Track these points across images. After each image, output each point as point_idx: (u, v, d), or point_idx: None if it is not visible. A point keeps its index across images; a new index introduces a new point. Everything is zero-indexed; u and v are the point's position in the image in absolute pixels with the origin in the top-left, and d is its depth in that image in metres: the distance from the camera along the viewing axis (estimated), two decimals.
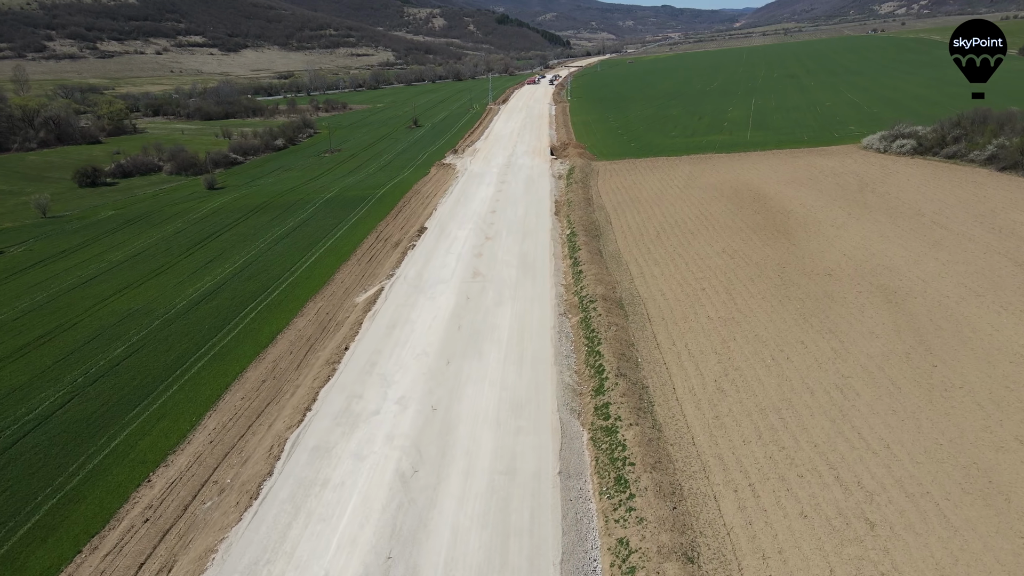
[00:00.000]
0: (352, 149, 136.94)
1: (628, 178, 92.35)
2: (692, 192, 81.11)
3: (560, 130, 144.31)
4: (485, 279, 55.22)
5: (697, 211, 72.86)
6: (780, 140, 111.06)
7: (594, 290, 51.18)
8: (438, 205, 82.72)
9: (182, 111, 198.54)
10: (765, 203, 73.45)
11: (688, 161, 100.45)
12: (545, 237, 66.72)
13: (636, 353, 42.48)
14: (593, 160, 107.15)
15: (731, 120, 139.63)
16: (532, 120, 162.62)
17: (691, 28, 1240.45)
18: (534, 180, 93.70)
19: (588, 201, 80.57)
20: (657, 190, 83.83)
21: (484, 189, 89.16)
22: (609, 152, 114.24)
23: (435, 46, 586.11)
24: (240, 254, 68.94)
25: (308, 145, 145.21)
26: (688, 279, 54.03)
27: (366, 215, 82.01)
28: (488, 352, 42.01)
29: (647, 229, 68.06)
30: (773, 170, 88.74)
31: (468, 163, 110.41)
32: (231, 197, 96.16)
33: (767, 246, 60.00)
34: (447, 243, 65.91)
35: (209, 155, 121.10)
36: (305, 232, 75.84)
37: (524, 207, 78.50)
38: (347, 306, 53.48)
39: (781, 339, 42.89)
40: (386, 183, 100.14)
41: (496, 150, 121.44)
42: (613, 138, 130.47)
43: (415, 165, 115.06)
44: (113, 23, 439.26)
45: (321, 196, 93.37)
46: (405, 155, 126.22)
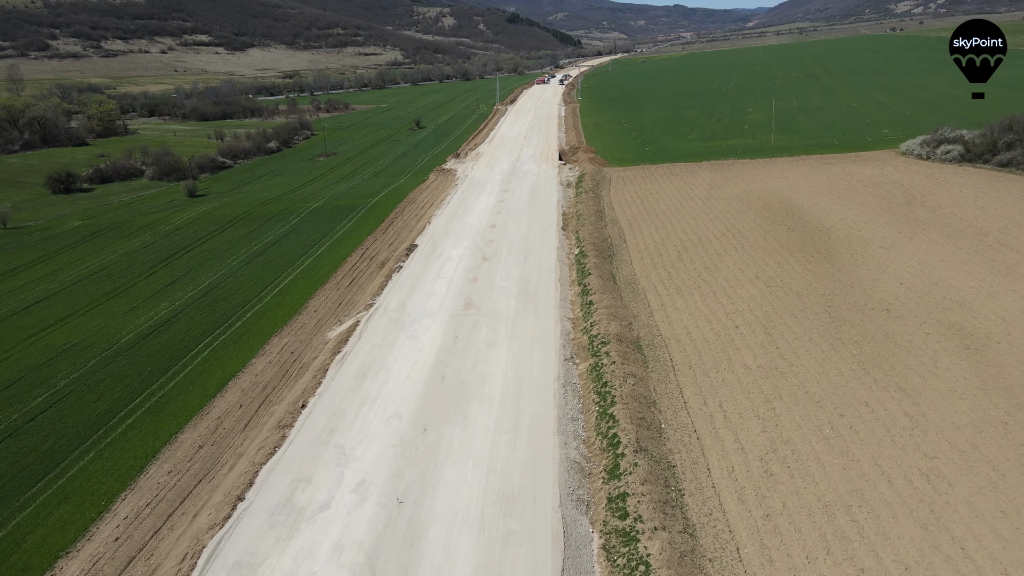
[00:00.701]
0: (348, 152, 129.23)
1: (643, 187, 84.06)
2: (715, 204, 72.76)
3: (569, 133, 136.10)
4: (479, 312, 47.15)
5: (723, 227, 64.53)
6: (808, 144, 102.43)
7: (607, 328, 43.03)
8: (433, 217, 74.73)
9: (178, 112, 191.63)
10: (799, 218, 65.04)
11: (708, 168, 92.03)
12: (550, 258, 58.59)
13: (659, 416, 34.31)
14: (605, 166, 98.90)
15: (752, 122, 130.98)
16: (540, 122, 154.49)
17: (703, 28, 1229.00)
18: (540, 189, 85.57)
19: (599, 214, 72.37)
20: (676, 201, 75.52)
21: (485, 199, 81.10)
22: (622, 157, 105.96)
23: (444, 45, 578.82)
24: (207, 274, 61.19)
25: (303, 148, 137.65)
26: (717, 313, 45.80)
27: (353, 228, 74.15)
28: (476, 414, 33.95)
29: (667, 248, 59.79)
30: (804, 179, 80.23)
31: (470, 169, 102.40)
32: (211, 206, 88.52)
33: (808, 271, 51.66)
34: (438, 265, 57.88)
35: (194, 159, 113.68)
36: (284, 248, 68.05)
37: (528, 221, 70.40)
38: (317, 343, 45.56)
39: (839, 398, 34.60)
40: (379, 191, 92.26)
41: (501, 154, 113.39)
42: (626, 141, 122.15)
43: (413, 171, 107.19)
44: (118, 22, 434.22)
45: (308, 205, 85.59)
46: (404, 159, 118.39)
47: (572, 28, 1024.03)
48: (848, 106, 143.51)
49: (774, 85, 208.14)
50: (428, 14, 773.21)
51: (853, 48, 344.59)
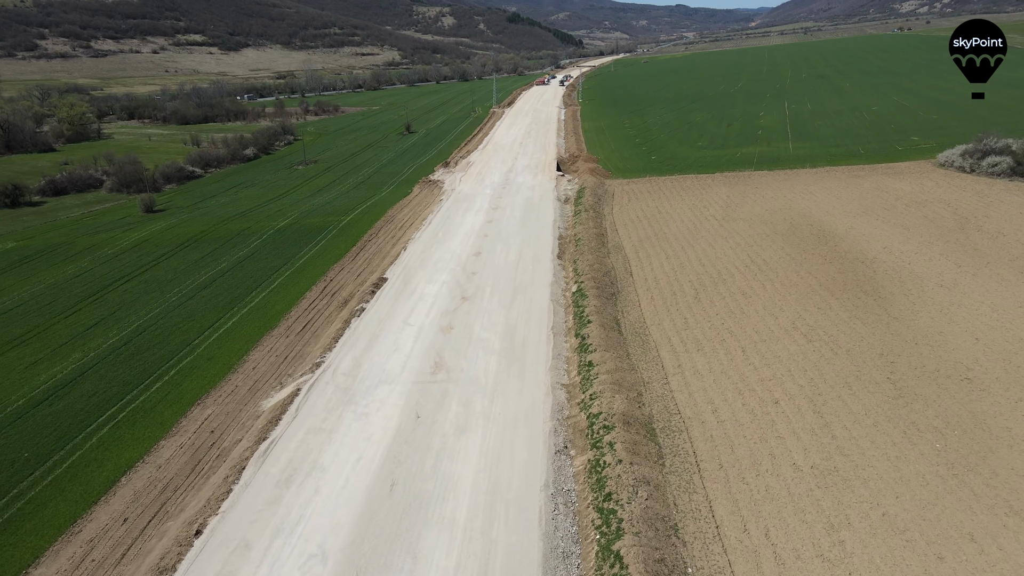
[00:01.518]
0: (330, 160, 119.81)
1: (651, 203, 74.58)
2: (735, 226, 63.26)
3: (569, 138, 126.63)
4: (450, 376, 37.72)
5: (746, 256, 55.04)
6: (831, 154, 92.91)
7: (610, 403, 33.62)
8: (410, 241, 65.29)
9: (158, 115, 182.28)
10: (835, 245, 55.57)
11: (723, 181, 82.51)
12: (543, 297, 49.13)
13: (682, 553, 24.89)
14: (607, 178, 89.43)
15: (765, 128, 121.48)
16: (538, 126, 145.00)
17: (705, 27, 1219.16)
18: (534, 206, 76.09)
19: (601, 237, 62.89)
20: (689, 222, 66.01)
21: (471, 218, 71.64)
22: (626, 167, 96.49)
23: (443, 45, 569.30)
24: (139, 312, 51.81)
25: (283, 155, 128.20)
26: (750, 379, 36.36)
27: (320, 254, 64.72)
28: (429, 553, 24.54)
29: (681, 284, 50.30)
30: (834, 195, 70.74)
31: (458, 181, 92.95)
32: (165, 224, 79.14)
33: (856, 319, 42.20)
34: (408, 306, 48.41)
35: (159, 169, 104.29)
36: (236, 279, 58.65)
37: (519, 247, 60.92)
38: (247, 417, 36.19)
39: (930, 526, 25.19)
40: (356, 206, 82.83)
41: (494, 163, 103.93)
42: (630, 149, 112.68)
43: (397, 182, 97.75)
44: (110, 21, 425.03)
45: (274, 224, 76.20)
46: (388, 168, 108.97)
47: (574, 28, 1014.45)
48: (867, 109, 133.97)
49: (784, 87, 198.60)
50: (428, 14, 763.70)
51: (862, 48, 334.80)
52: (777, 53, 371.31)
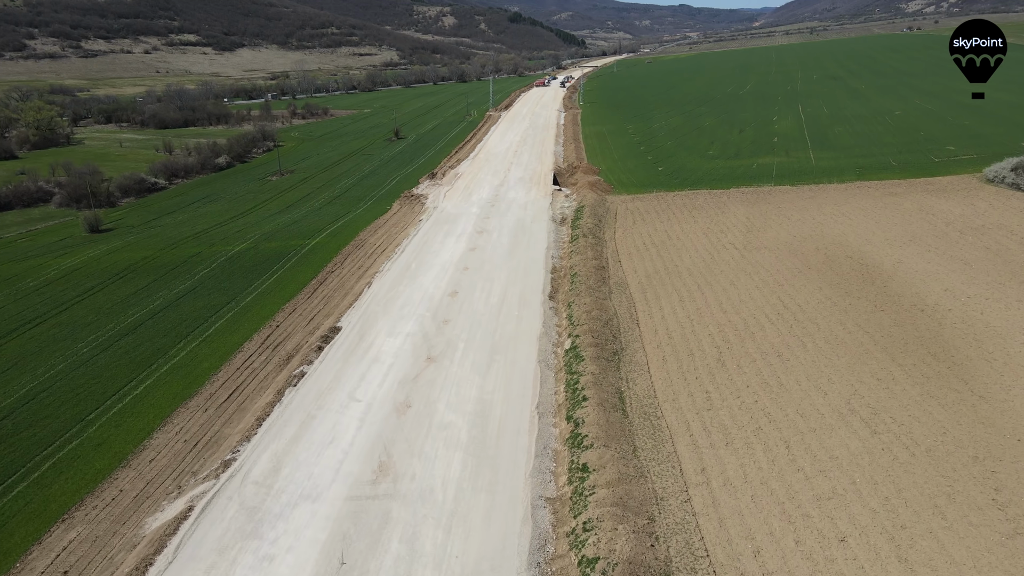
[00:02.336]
0: (308, 170, 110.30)
1: (659, 225, 64.99)
2: (759, 257, 53.68)
3: (568, 145, 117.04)
4: (396, 487, 28.18)
5: (776, 299, 45.46)
6: (859, 166, 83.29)
7: (611, 541, 24.13)
8: (378, 275, 55.75)
9: (136, 117, 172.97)
10: (884, 286, 45.99)
11: (740, 198, 72.93)
12: (528, 356, 39.59)
13: None
14: (609, 193, 79.89)
15: (781, 134, 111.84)
16: (536, 132, 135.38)
17: (709, 27, 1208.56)
18: (526, 228, 66.56)
19: (601, 271, 53.33)
20: (704, 251, 56.40)
21: (451, 245, 62.08)
22: (630, 180, 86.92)
23: (443, 45, 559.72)
24: (36, 371, 42.39)
25: (259, 164, 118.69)
26: (801, 498, 26.76)
27: (272, 289, 55.25)
28: None
29: (699, 339, 40.70)
30: (871, 218, 61.11)
31: (443, 196, 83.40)
32: (107, 248, 69.75)
33: (930, 397, 32.61)
34: (359, 371, 38.86)
35: (118, 180, 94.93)
36: (167, 322, 49.21)
37: (504, 283, 51.38)
38: (119, 547, 26.70)
39: None
40: (326, 226, 73.36)
41: (484, 175, 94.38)
42: (634, 158, 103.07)
43: (376, 196, 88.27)
44: (101, 21, 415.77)
45: (228, 249, 66.75)
46: (370, 180, 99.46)
47: (576, 28, 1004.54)
48: (890, 114, 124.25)
49: (796, 88, 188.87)
50: (428, 13, 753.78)
51: (872, 48, 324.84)
52: (784, 53, 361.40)
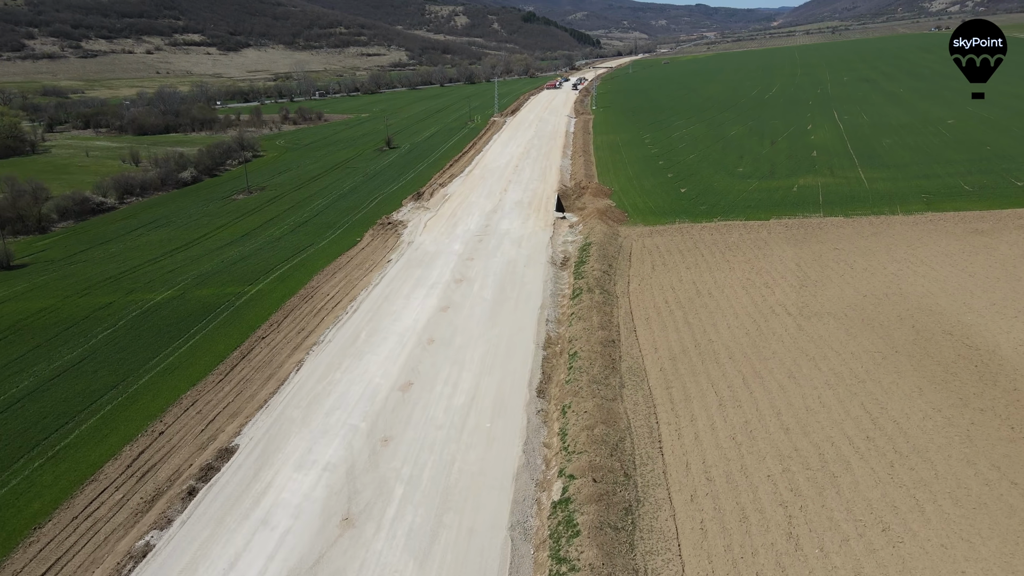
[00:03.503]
0: (281, 187, 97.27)
1: (684, 274, 51.34)
2: (821, 329, 39.96)
3: (577, 159, 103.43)
4: None
5: (859, 408, 31.78)
6: (923, 190, 69.30)
7: None
8: (314, 349, 42.47)
9: (115, 123, 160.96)
10: (1012, 386, 32.24)
11: (784, 233, 59.15)
12: (496, 518, 26.25)
13: None
14: (622, 223, 66.34)
15: (820, 147, 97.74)
16: (542, 141, 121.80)
17: (726, 27, 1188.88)
18: (517, 276, 53.06)
19: (610, 347, 39.81)
20: (747, 318, 42.72)
21: (419, 301, 48.70)
22: (648, 206, 73.30)
23: (455, 45, 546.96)
24: None
25: (229, 179, 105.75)
26: None
27: (180, 363, 42.21)
28: None
29: (756, 492, 27.07)
30: (962, 269, 47.21)
31: (422, 226, 70.11)
32: (3, 294, 56.94)
33: None
34: (232, 547, 25.52)
35: (57, 201, 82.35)
36: (13, 423, 36.22)
37: (477, 368, 38.00)
38: None
39: None
40: (276, 266, 60.27)
41: (476, 197, 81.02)
42: (652, 175, 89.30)
43: (348, 223, 75.14)
44: (104, 20, 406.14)
45: (149, 298, 53.80)
46: (346, 201, 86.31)
47: (591, 28, 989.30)
48: (942, 123, 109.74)
49: (826, 92, 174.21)
50: (440, 13, 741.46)
51: (901, 48, 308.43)
52: (808, 54, 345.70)
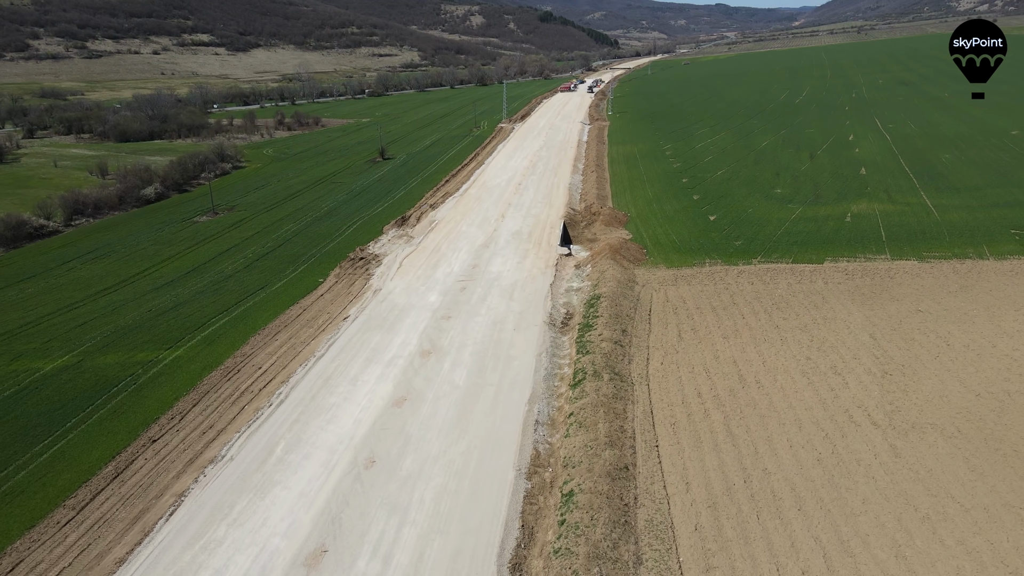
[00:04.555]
0: (253, 206, 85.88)
1: (721, 347, 39.06)
2: (925, 459, 27.65)
3: (589, 175, 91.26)
4: None
5: None
6: (1011, 221, 56.58)
7: None
8: (208, 470, 30.71)
9: (97, 128, 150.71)
10: None
11: (846, 284, 46.67)
12: None
13: None
14: (639, 264, 54.09)
15: (868, 162, 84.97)
16: (551, 153, 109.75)
17: (747, 27, 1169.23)
18: (502, 347, 40.99)
19: (620, 478, 27.82)
20: (813, 433, 30.41)
21: (368, 387, 36.80)
22: (670, 238, 61.00)
23: (469, 46, 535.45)
24: None
25: (199, 195, 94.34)
26: None
27: (18, 490, 30.66)
28: None
29: None
30: None
31: (396, 266, 58.26)
32: None
33: None
34: None
35: None
36: None
37: (427, 518, 26.28)
38: None
39: None
40: (209, 321, 48.70)
41: (468, 225, 69.13)
42: (675, 197, 76.94)
43: (315, 256, 63.55)
44: (112, 20, 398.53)
45: (35, 368, 42.45)
46: (320, 226, 74.76)
47: (610, 28, 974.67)
48: (1005, 135, 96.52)
49: (862, 96, 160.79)
50: (456, 12, 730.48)
51: (933, 48, 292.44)
52: (835, 54, 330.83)
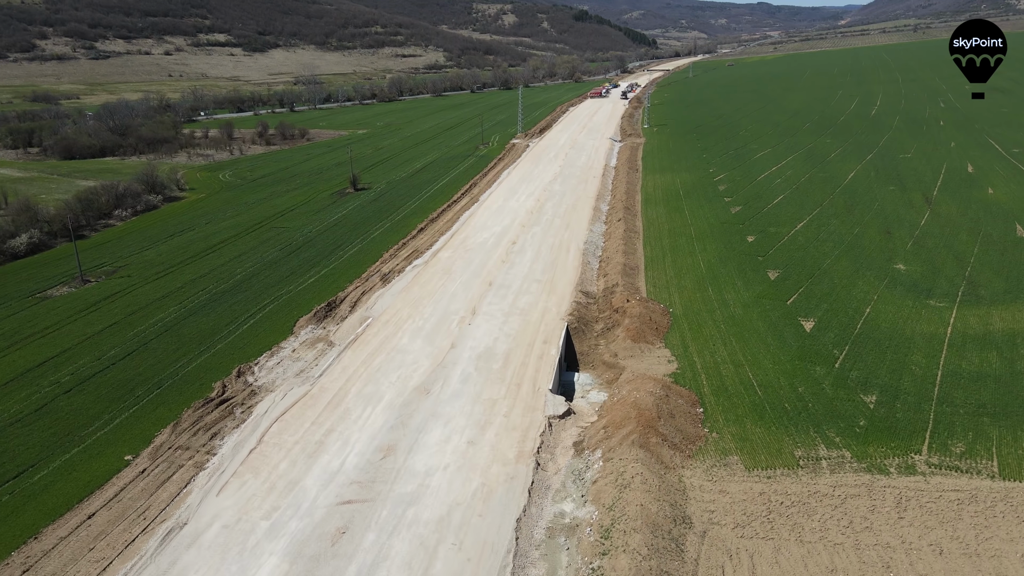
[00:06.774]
0: (143, 269, 62.24)
1: None
2: None
3: (614, 224, 65.94)
4: None
5: None
6: None
7: None
8: None
9: (48, 141, 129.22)
10: None
11: None
12: None
13: None
14: (691, 452, 28.59)
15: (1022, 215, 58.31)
16: (567, 186, 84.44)
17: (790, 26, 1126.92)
18: None
19: None
20: None
21: None
22: (742, 377, 35.42)
23: (499, 46, 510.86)
24: None
25: (94, 245, 71.17)
26: None
27: None
28: None
29: None
30: None
31: (249, 448, 33.66)
32: None
33: None
34: None
35: None
36: None
37: None
38: None
39: None
40: None
41: (410, 337, 44.36)
42: (738, 270, 51.15)
43: (168, 384, 39.65)
44: (125, 19, 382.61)
45: None
46: (209, 315, 50.78)
47: (648, 27, 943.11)
48: None
49: (953, 106, 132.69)
50: (488, 11, 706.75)
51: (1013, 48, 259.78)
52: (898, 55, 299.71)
